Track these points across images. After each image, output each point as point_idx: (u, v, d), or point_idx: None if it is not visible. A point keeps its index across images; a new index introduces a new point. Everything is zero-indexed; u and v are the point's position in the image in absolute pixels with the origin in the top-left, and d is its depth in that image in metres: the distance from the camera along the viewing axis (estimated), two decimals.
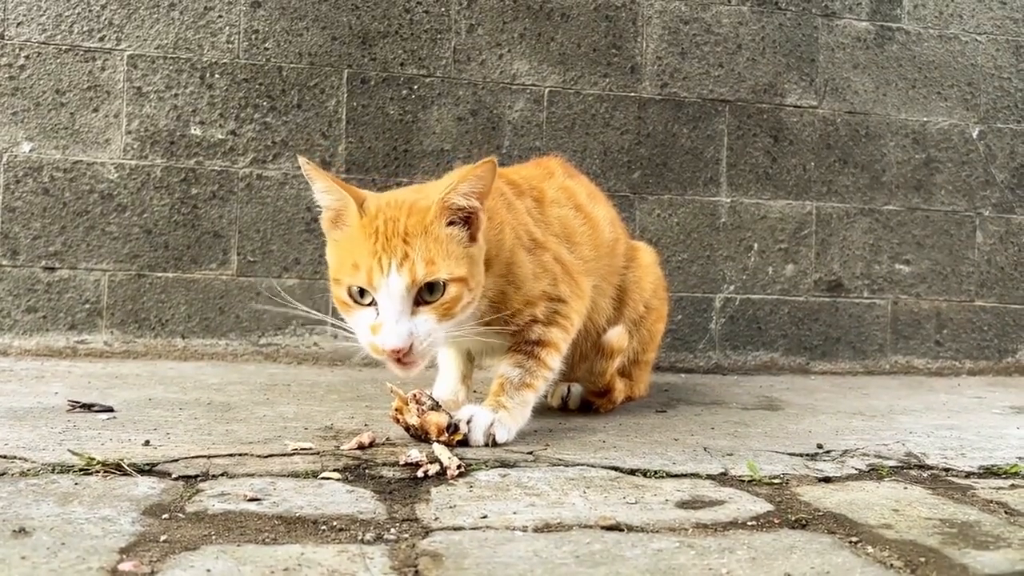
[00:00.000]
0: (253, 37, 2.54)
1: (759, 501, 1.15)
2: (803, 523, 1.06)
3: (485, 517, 1.03)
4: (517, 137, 2.67)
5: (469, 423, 1.42)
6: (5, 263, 2.42)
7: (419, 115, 2.61)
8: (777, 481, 1.27)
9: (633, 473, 1.28)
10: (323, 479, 1.19)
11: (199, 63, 2.51)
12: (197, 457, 1.27)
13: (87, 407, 1.62)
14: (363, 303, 1.37)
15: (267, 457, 1.29)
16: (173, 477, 1.16)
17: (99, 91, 2.47)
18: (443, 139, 2.63)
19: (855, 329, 2.87)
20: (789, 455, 1.45)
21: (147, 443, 1.35)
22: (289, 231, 2.55)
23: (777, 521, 1.06)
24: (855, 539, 0.99)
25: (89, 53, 2.47)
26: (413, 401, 1.43)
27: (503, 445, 1.43)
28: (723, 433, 1.64)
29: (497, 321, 1.54)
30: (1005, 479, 1.34)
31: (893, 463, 1.41)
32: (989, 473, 1.37)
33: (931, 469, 1.39)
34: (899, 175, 2.91)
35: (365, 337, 1.37)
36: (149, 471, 1.19)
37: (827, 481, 1.28)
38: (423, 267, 1.33)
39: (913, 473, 1.36)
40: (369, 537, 0.95)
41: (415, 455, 1.27)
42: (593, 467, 1.31)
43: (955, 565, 0.91)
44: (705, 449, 1.47)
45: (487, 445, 1.42)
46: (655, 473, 1.28)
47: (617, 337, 1.73)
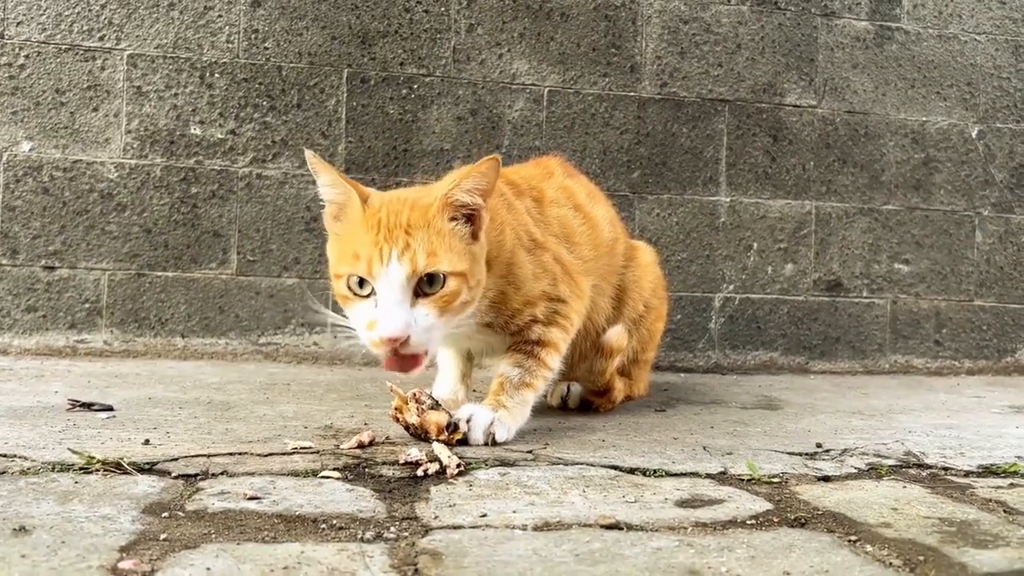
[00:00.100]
0: (253, 37, 2.54)
1: (758, 500, 1.15)
2: (802, 522, 1.06)
3: (485, 516, 1.04)
4: (517, 137, 2.67)
5: (469, 422, 1.42)
6: (5, 262, 2.42)
7: (419, 115, 2.61)
8: (776, 480, 1.27)
9: (632, 472, 1.28)
10: (323, 478, 1.19)
11: (199, 62, 2.51)
12: (197, 456, 1.27)
13: (87, 406, 1.62)
14: (362, 294, 1.36)
15: (267, 456, 1.29)
16: (173, 476, 1.16)
17: (99, 90, 2.47)
18: (443, 139, 2.63)
19: (854, 329, 2.87)
20: (788, 454, 1.45)
21: (147, 442, 1.35)
22: (289, 230, 2.55)
23: (776, 520, 1.06)
24: (854, 538, 1.00)
25: (89, 52, 2.47)
26: (413, 400, 1.43)
27: (503, 444, 1.43)
28: (722, 432, 1.64)
29: (497, 321, 1.54)
30: (1004, 478, 1.34)
31: (892, 462, 1.42)
32: (988, 472, 1.37)
33: (930, 468, 1.39)
34: (898, 175, 2.91)
35: (363, 334, 1.36)
36: (149, 470, 1.19)
37: (826, 480, 1.29)
38: (424, 257, 1.33)
39: (912, 472, 1.36)
40: (369, 536, 0.95)
41: (415, 454, 1.27)
42: (592, 466, 1.31)
43: (954, 564, 0.91)
44: (704, 448, 1.48)
45: (487, 444, 1.42)
46: (654, 472, 1.28)
47: (616, 336, 1.73)
